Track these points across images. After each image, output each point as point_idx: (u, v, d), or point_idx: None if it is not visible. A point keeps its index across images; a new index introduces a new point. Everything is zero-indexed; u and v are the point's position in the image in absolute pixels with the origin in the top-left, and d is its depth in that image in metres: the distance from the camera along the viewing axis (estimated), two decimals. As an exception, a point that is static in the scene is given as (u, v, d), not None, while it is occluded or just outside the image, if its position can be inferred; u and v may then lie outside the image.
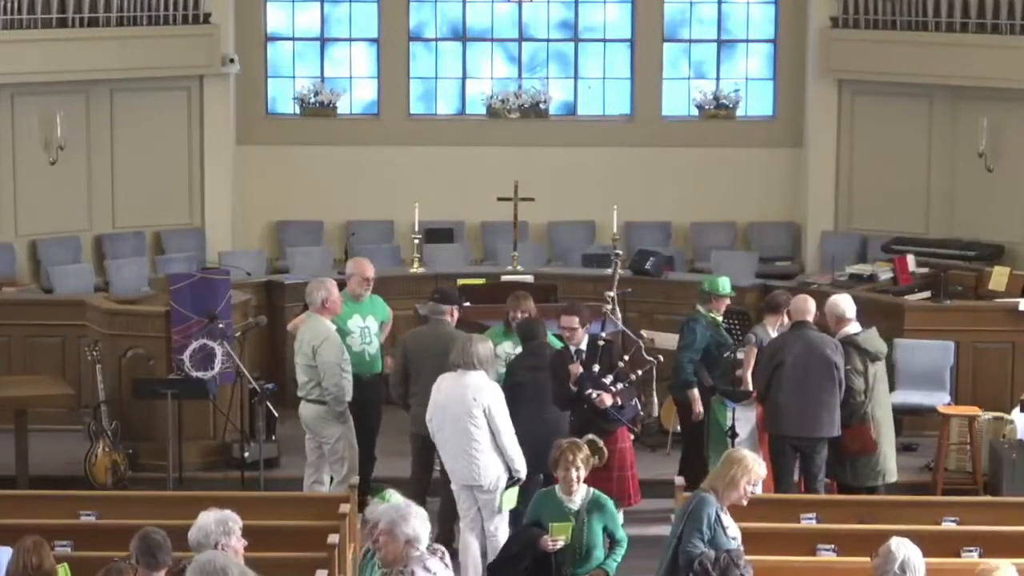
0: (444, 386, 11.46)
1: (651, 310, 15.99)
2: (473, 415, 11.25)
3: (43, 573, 8.31)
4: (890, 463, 12.53)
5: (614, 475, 11.77)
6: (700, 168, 19.80)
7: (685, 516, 9.26)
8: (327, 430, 12.62)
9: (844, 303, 12.66)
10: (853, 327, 12.53)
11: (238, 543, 8.41)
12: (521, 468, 11.39)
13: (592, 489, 9.93)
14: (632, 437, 12.27)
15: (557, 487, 9.89)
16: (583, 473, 9.84)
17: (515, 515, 11.55)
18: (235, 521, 8.47)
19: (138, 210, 19.05)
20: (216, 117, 19.43)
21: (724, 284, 13.28)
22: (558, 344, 12.32)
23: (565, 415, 12.02)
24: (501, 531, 11.45)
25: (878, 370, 12.52)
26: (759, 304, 15.65)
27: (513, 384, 12.01)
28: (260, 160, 19.82)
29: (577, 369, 11.85)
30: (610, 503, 9.95)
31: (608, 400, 11.72)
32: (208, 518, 8.48)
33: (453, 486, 11.57)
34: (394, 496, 8.85)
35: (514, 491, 11.50)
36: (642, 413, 12.89)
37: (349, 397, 12.65)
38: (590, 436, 11.64)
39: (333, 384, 12.48)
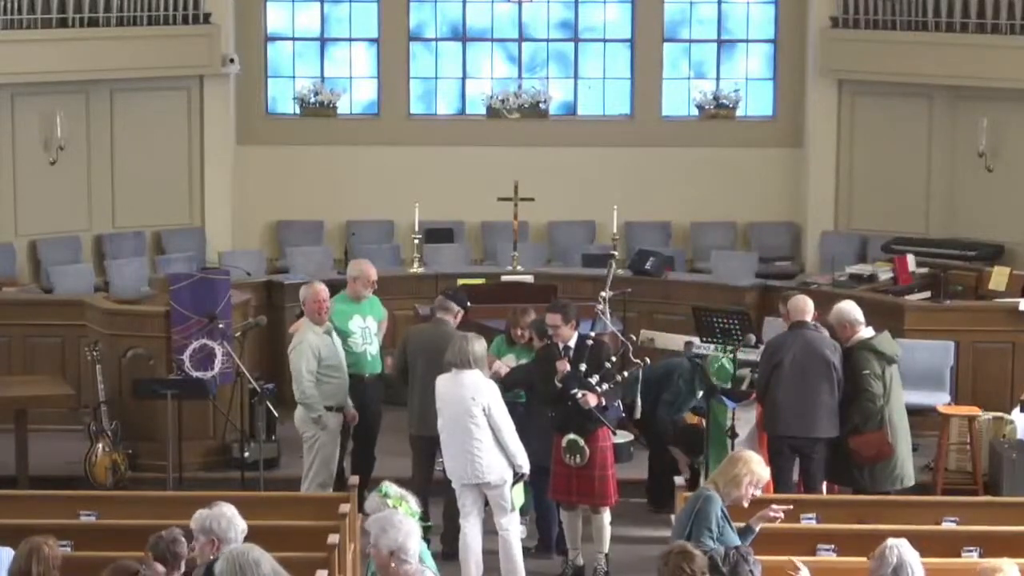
0: (441, 387, 11.47)
1: (651, 310, 15.96)
2: (473, 414, 11.25)
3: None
4: (908, 467, 12.29)
5: (595, 475, 11.73)
6: (700, 168, 19.78)
7: (692, 516, 9.22)
8: (306, 432, 12.64)
9: (852, 308, 12.40)
10: (866, 331, 12.34)
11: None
12: (524, 463, 11.40)
13: None
14: (613, 436, 12.25)
15: None
16: None
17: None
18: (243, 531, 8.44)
19: (138, 210, 19.05)
20: (216, 117, 19.43)
21: None
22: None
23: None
24: (513, 528, 11.48)
25: (893, 373, 12.29)
26: (759, 304, 15.69)
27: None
28: (260, 160, 19.82)
29: (564, 366, 11.78)
30: None
31: (592, 400, 11.61)
32: (232, 510, 8.46)
33: (455, 485, 11.56)
34: (391, 488, 8.83)
35: (520, 487, 11.53)
36: (624, 416, 12.85)
37: (338, 401, 12.65)
38: (571, 435, 11.69)
39: (298, 390, 12.49)
